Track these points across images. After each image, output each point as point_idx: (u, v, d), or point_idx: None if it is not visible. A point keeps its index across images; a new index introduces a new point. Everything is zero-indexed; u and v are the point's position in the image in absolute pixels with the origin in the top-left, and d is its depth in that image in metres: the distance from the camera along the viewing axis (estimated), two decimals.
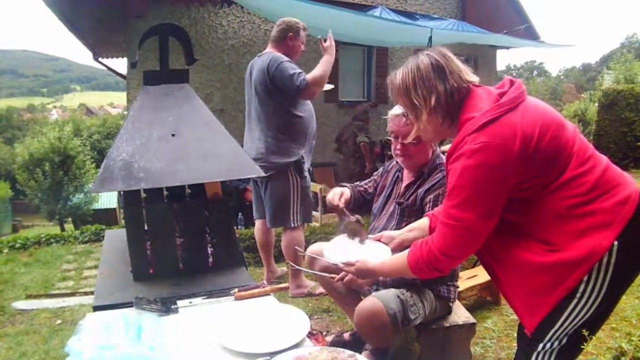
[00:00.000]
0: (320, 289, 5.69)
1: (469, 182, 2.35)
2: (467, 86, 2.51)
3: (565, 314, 2.42)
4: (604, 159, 2.51)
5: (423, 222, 3.13)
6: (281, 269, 6.30)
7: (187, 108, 3.68)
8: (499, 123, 2.32)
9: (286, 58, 5.37)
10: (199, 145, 3.49)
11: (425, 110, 2.50)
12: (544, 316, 2.44)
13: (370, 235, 3.28)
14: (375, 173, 4.23)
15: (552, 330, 2.48)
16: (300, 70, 5.28)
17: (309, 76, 5.26)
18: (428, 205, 3.57)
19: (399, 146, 3.67)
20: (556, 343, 2.51)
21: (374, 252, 3.13)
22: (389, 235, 3.22)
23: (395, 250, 3.14)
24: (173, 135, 3.48)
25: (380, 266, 2.90)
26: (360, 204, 4.17)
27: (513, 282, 2.56)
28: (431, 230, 3.04)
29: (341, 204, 3.75)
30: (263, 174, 3.96)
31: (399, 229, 3.50)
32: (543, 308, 2.43)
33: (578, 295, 2.37)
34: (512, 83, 2.51)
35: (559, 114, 2.50)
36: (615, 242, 2.31)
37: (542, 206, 2.40)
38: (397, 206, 3.77)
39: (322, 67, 5.36)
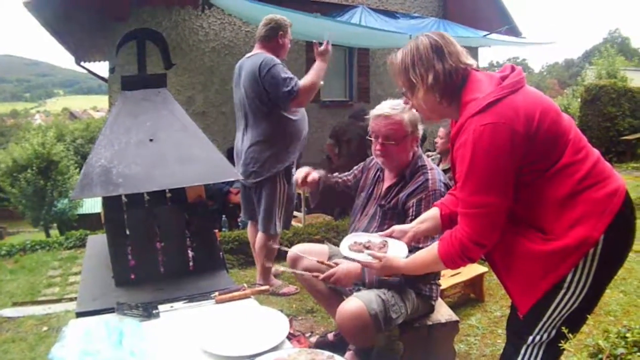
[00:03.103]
0: (285, 289, 5.72)
1: (482, 166, 2.40)
2: (465, 68, 2.58)
3: (554, 304, 2.52)
4: (595, 151, 2.59)
5: (433, 212, 3.14)
6: (274, 268, 6.27)
7: (164, 113, 3.66)
8: (502, 104, 2.39)
9: (279, 61, 5.25)
10: (176, 149, 3.47)
11: (422, 88, 2.58)
12: (536, 301, 2.53)
13: (379, 233, 3.27)
14: (355, 167, 4.22)
15: (541, 322, 2.58)
16: (292, 76, 5.17)
17: (301, 83, 5.14)
18: (411, 210, 3.58)
19: (378, 146, 3.68)
20: (545, 335, 2.58)
21: (390, 248, 3.10)
22: (400, 230, 3.20)
23: (409, 244, 3.14)
24: (151, 140, 3.47)
25: (407, 263, 2.90)
26: (338, 192, 4.20)
27: (510, 268, 2.65)
28: (443, 218, 3.06)
29: (310, 179, 3.90)
30: (241, 177, 3.94)
31: (380, 230, 3.51)
32: (536, 292, 2.53)
33: (566, 285, 2.48)
34: (513, 69, 2.56)
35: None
36: (603, 234, 2.39)
37: (540, 193, 2.48)
38: (378, 208, 3.77)
39: (315, 74, 5.25)
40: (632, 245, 2.60)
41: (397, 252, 3.01)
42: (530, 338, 2.63)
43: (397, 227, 3.23)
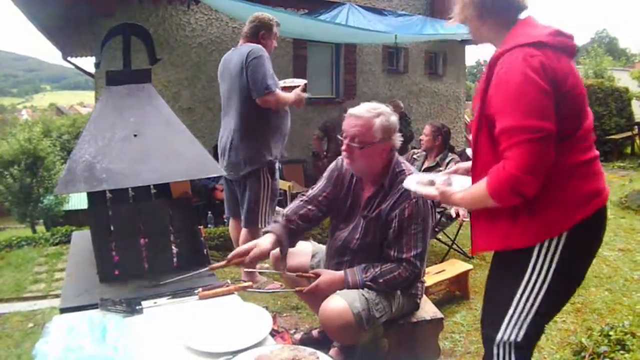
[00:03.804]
0: (270, 286, 5.70)
1: (534, 90, 2.40)
2: (499, 3, 2.68)
3: (516, 298, 2.65)
4: (596, 151, 2.68)
5: None
6: (259, 265, 6.24)
7: (149, 108, 3.66)
8: (552, 52, 2.47)
9: (267, 55, 5.27)
10: (161, 145, 3.47)
11: (459, 5, 2.78)
12: (489, 248, 2.83)
13: (444, 172, 3.22)
14: (326, 176, 3.99)
15: (507, 318, 2.70)
16: (276, 78, 5.24)
17: (279, 92, 5.22)
18: (394, 221, 3.50)
19: (344, 146, 3.62)
20: (512, 335, 2.67)
21: (457, 183, 2.99)
22: (465, 168, 3.16)
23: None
24: (135, 135, 3.46)
25: (463, 196, 2.75)
26: (315, 218, 3.93)
27: (483, 216, 2.77)
28: None
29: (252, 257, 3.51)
30: (224, 173, 3.91)
31: (364, 241, 3.58)
32: (492, 244, 2.78)
33: (527, 274, 2.61)
34: (572, 37, 2.64)
35: None
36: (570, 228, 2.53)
37: None
38: (362, 219, 3.71)
39: (290, 100, 5.39)
40: (595, 251, 2.71)
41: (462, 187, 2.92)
42: (498, 336, 2.71)
43: (461, 165, 3.23)
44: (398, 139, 3.65)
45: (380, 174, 3.66)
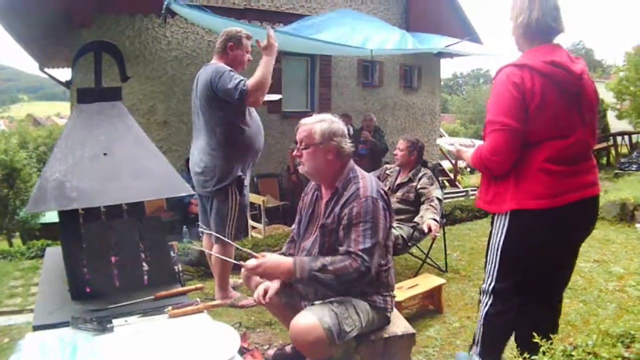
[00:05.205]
0: (244, 302, 5.71)
1: (505, 97, 3.25)
2: (539, 28, 3.36)
3: (488, 255, 3.62)
4: (571, 168, 3.39)
5: None
6: (233, 280, 6.23)
7: (119, 126, 3.68)
8: (530, 75, 3.21)
9: (229, 68, 5.21)
10: (130, 164, 3.50)
11: (513, 25, 3.46)
12: (476, 203, 3.86)
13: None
14: (297, 212, 4.22)
15: (485, 270, 3.68)
16: (241, 78, 5.12)
17: (249, 82, 5.09)
18: (344, 219, 3.60)
19: (295, 150, 3.91)
20: (487, 283, 3.65)
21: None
22: None
23: None
24: (105, 154, 3.48)
25: (467, 156, 3.70)
26: None
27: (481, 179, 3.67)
28: None
29: (267, 300, 3.79)
30: (193, 192, 3.91)
31: (321, 250, 3.69)
32: (478, 201, 3.70)
33: (492, 239, 3.57)
34: (578, 74, 3.34)
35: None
36: (509, 212, 3.38)
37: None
38: (319, 230, 3.76)
39: (261, 69, 5.17)
40: (543, 245, 3.39)
41: None
42: (483, 286, 3.69)
43: None
44: (345, 144, 3.82)
45: (334, 179, 3.82)
